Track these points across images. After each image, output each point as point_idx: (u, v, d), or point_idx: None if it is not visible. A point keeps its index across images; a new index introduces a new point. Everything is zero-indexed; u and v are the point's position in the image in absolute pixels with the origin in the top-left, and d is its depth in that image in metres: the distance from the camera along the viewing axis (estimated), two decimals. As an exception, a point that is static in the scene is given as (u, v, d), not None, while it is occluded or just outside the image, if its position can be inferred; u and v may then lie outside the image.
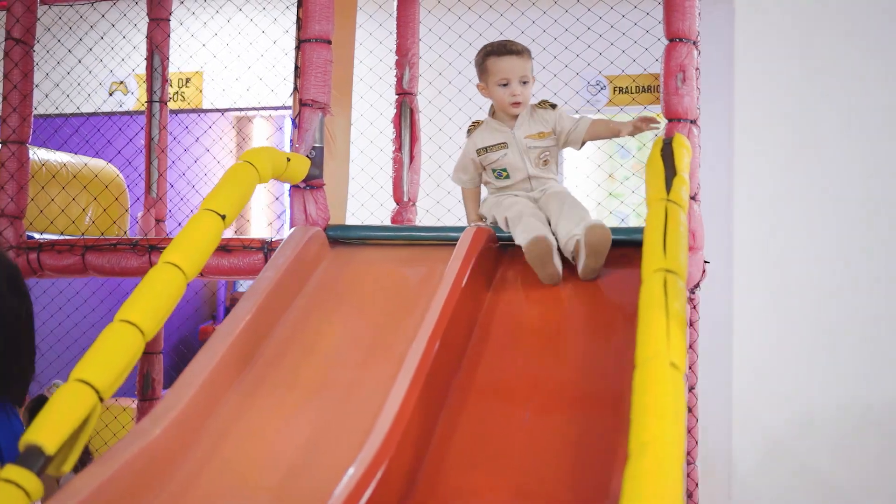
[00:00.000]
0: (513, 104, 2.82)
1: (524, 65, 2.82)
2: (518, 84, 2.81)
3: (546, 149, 2.89)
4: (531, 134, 2.87)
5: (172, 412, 2.05)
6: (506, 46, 2.84)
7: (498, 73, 2.81)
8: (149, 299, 2.06)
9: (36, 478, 1.71)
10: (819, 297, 2.86)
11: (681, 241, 2.00)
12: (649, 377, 1.65)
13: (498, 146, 2.88)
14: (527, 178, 2.88)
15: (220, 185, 2.41)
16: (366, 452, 1.89)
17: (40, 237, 3.43)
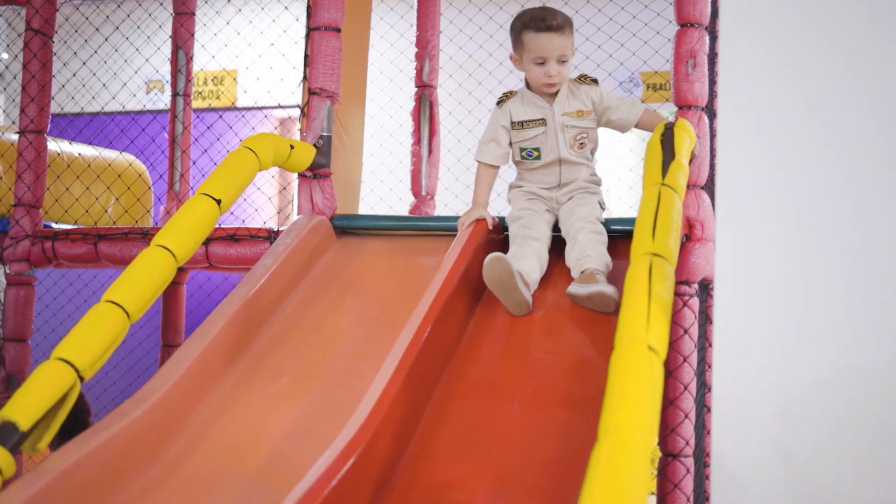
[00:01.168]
0: (547, 84, 2.56)
1: (564, 42, 2.53)
2: (555, 63, 2.53)
3: (584, 130, 2.62)
4: (569, 111, 2.60)
5: (156, 395, 2.04)
6: (545, 21, 2.52)
7: (534, 50, 2.53)
8: (136, 281, 2.06)
9: (9, 454, 1.71)
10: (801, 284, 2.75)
11: (672, 226, 1.93)
12: (625, 360, 1.59)
13: (535, 122, 2.62)
14: (557, 160, 2.62)
15: (218, 169, 2.40)
16: (341, 438, 1.86)
17: (56, 226, 3.47)
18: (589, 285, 2.32)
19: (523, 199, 2.64)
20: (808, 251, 1.65)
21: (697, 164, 2.51)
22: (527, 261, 2.44)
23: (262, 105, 6.03)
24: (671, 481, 2.52)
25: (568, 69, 2.58)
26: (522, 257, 2.45)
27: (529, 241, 2.50)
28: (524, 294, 2.36)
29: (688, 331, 2.53)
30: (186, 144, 4.00)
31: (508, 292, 2.36)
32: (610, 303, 2.31)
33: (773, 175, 2.01)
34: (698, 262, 2.51)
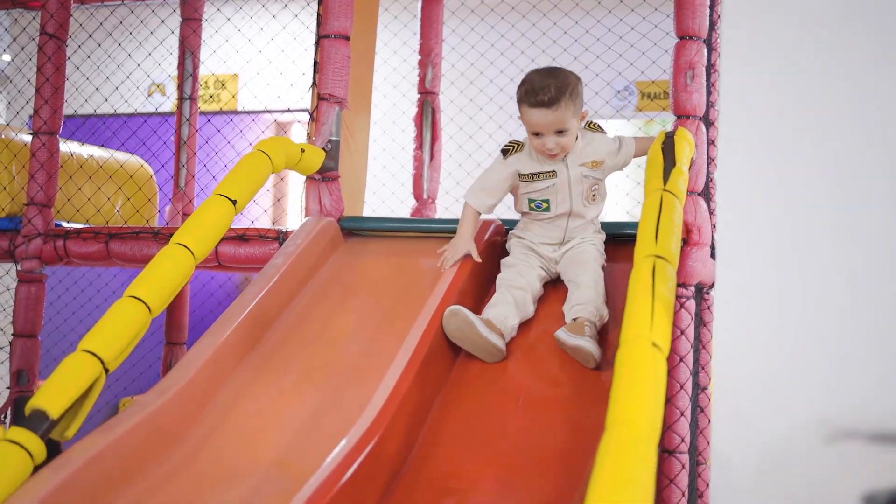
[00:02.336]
0: (549, 155, 2.51)
1: (560, 115, 2.42)
2: (552, 136, 2.46)
3: (598, 181, 2.57)
4: (585, 162, 2.54)
5: (175, 386, 2.12)
6: (537, 95, 2.43)
7: (529, 124, 2.48)
8: (157, 277, 2.14)
9: (40, 440, 1.79)
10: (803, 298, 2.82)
11: (673, 230, 2.03)
12: (630, 356, 1.69)
13: (546, 175, 2.53)
14: (567, 213, 2.55)
15: (233, 171, 2.48)
16: (356, 429, 1.95)
17: (67, 225, 3.54)
18: (575, 337, 2.28)
19: (520, 250, 2.59)
20: (805, 255, 1.74)
21: (695, 171, 2.60)
22: (498, 308, 2.40)
23: (259, 109, 6.12)
24: (667, 477, 2.60)
25: (571, 137, 2.48)
26: (493, 304, 2.42)
27: (511, 290, 2.45)
28: (492, 340, 2.31)
29: (684, 332, 2.61)
30: (193, 146, 4.08)
31: (474, 342, 2.31)
32: (590, 360, 2.28)
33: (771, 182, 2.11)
34: (695, 265, 2.60)
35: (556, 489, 1.97)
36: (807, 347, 2.06)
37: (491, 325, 2.34)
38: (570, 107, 2.44)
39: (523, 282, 2.48)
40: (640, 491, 1.42)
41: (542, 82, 2.45)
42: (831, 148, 2.04)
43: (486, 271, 2.62)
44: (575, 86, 2.48)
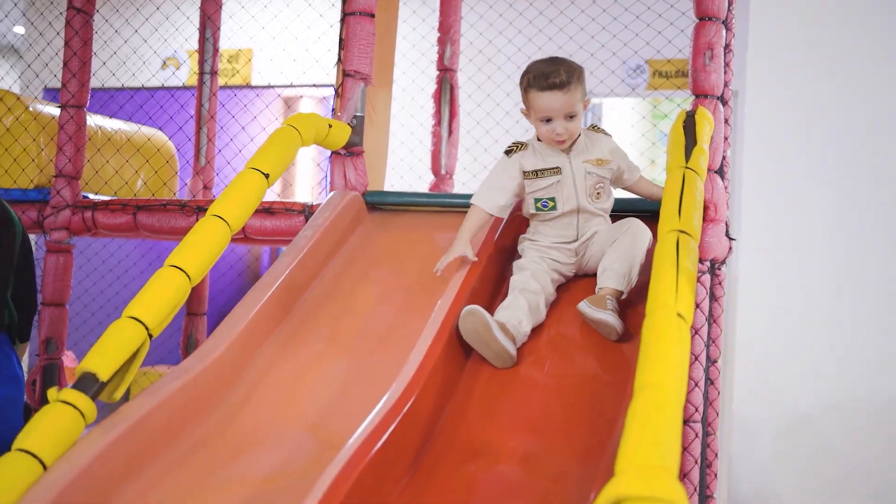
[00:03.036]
0: (557, 141, 2.51)
1: (570, 98, 2.44)
2: (563, 120, 2.47)
3: (603, 178, 2.56)
4: (590, 159, 2.55)
5: (214, 353, 2.21)
6: (548, 78, 2.43)
7: (540, 109, 2.47)
8: (195, 247, 2.22)
9: (91, 401, 1.87)
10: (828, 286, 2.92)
11: (696, 206, 2.11)
12: (656, 325, 1.77)
13: (550, 171, 2.53)
14: (575, 210, 2.55)
15: (265, 146, 2.55)
16: (391, 393, 2.04)
17: (94, 197, 3.62)
18: (597, 311, 2.31)
19: (533, 253, 2.56)
20: (828, 232, 1.83)
21: (712, 149, 2.67)
22: (510, 311, 2.36)
23: (273, 84, 6.18)
24: (681, 445, 2.70)
25: (578, 123, 2.51)
26: (506, 307, 2.39)
27: (525, 293, 2.42)
28: (504, 345, 2.28)
29: (699, 305, 2.69)
30: (214, 122, 4.15)
31: (487, 344, 2.28)
32: (612, 333, 2.31)
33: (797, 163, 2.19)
34: (711, 241, 2.68)
35: (581, 454, 2.06)
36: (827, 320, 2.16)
37: (505, 329, 2.31)
38: (578, 90, 2.46)
39: (536, 286, 2.45)
40: (668, 450, 1.50)
41: (551, 67, 2.45)
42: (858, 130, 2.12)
43: (508, 244, 2.70)
44: (581, 71, 2.50)
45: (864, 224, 2.76)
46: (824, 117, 2.77)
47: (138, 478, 1.90)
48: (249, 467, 2.05)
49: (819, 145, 2.54)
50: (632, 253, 2.43)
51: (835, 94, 2.77)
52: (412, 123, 4.30)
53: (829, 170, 2.79)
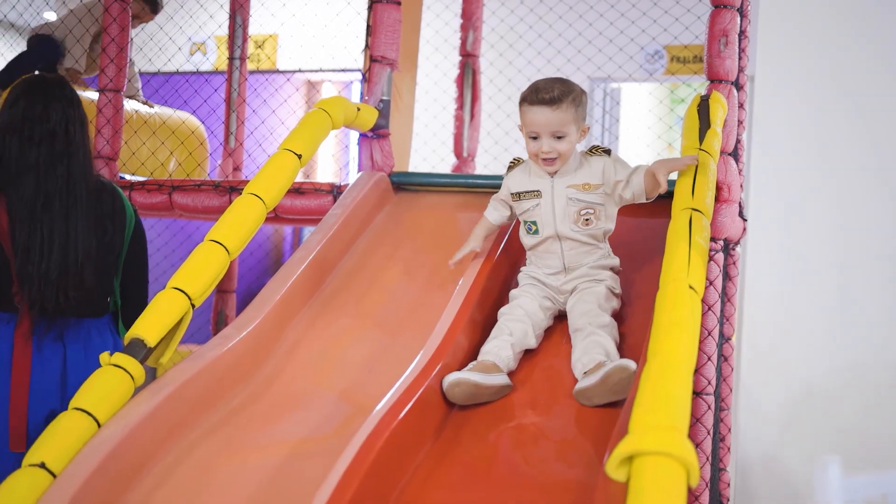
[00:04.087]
0: (543, 161, 2.41)
1: (560, 117, 2.34)
2: (549, 139, 2.37)
3: (591, 205, 2.41)
4: (575, 184, 2.41)
5: (251, 323, 2.34)
6: (538, 93, 2.36)
7: (527, 124, 2.39)
8: (234, 223, 2.35)
9: (139, 365, 2.01)
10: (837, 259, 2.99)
11: (708, 186, 2.22)
12: (669, 296, 1.89)
13: (531, 194, 2.45)
14: (555, 236, 2.44)
15: (298, 128, 2.68)
16: (420, 358, 2.17)
17: (130, 178, 3.77)
18: (598, 371, 2.14)
19: (525, 280, 2.51)
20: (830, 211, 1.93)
21: (726, 132, 2.78)
22: (494, 342, 2.32)
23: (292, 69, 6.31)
24: (694, 416, 2.81)
25: (568, 146, 2.39)
26: (491, 339, 2.35)
27: (509, 323, 2.37)
28: (496, 383, 2.22)
29: (713, 282, 2.80)
30: (241, 104, 4.28)
31: (483, 395, 2.22)
32: (626, 381, 2.09)
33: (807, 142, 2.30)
34: (724, 221, 2.78)
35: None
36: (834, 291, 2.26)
37: (488, 366, 2.24)
38: (571, 111, 2.36)
39: (521, 313, 2.38)
40: (678, 411, 1.62)
41: (547, 84, 2.39)
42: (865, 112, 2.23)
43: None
44: (580, 94, 2.40)
45: (871, 201, 2.85)
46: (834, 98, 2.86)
47: (182, 438, 2.04)
48: (284, 430, 2.18)
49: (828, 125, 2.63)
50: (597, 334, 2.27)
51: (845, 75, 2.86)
52: (435, 107, 4.42)
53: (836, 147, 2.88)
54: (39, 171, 2.52)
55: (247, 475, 1.98)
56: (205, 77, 5.12)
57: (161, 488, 1.91)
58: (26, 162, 2.51)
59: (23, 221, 2.48)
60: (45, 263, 2.48)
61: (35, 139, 2.53)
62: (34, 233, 2.48)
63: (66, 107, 2.58)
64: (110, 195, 2.65)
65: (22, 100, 2.57)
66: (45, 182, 2.51)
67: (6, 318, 2.54)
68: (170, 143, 4.01)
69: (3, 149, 2.53)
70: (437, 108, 4.39)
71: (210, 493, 1.94)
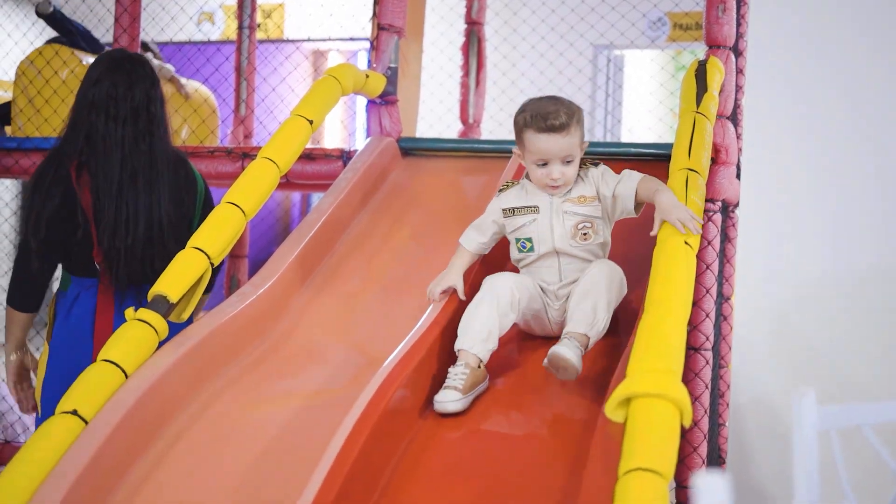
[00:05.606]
0: (551, 187, 2.33)
1: (569, 142, 2.27)
2: (559, 165, 2.29)
3: (588, 218, 2.33)
4: (571, 198, 2.34)
5: (268, 282, 2.45)
6: (547, 120, 2.25)
7: (536, 152, 2.29)
8: (249, 186, 2.45)
9: (163, 319, 2.12)
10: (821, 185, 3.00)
11: (704, 147, 2.31)
12: (665, 251, 1.99)
13: (528, 209, 2.37)
14: (553, 252, 2.35)
15: (309, 94, 2.78)
16: (427, 316, 2.29)
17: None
18: (554, 348, 2.12)
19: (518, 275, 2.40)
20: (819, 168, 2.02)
21: (724, 96, 2.86)
22: (477, 332, 2.22)
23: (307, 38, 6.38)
24: (692, 371, 2.92)
25: (576, 168, 2.32)
26: (474, 324, 2.23)
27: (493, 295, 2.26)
28: (467, 400, 2.16)
29: (711, 242, 2.90)
30: (251, 72, 4.37)
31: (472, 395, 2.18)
32: (569, 369, 2.10)
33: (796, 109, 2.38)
34: (722, 182, 2.87)
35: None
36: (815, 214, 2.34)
37: (473, 372, 2.18)
38: (577, 134, 2.29)
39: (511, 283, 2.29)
40: (672, 357, 1.73)
41: (550, 107, 2.28)
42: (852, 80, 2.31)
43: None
44: (580, 113, 2.34)
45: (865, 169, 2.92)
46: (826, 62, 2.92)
47: (204, 389, 2.15)
48: (299, 383, 2.30)
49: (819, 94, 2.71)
50: (595, 292, 2.21)
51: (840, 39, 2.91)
52: (441, 75, 4.50)
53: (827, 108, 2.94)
54: (125, 149, 2.63)
55: (264, 425, 2.10)
56: (215, 46, 5.21)
57: (184, 436, 2.02)
58: (112, 140, 2.62)
59: (109, 198, 2.60)
60: (132, 238, 2.60)
61: (120, 118, 2.63)
62: (120, 209, 2.60)
63: (148, 87, 2.69)
64: (184, 168, 2.77)
65: (106, 79, 2.66)
66: (130, 159, 2.62)
67: (87, 283, 2.67)
68: (182, 111, 4.10)
69: (90, 127, 2.63)
70: (443, 76, 4.48)
71: (230, 441, 2.05)
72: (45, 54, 3.87)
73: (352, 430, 1.87)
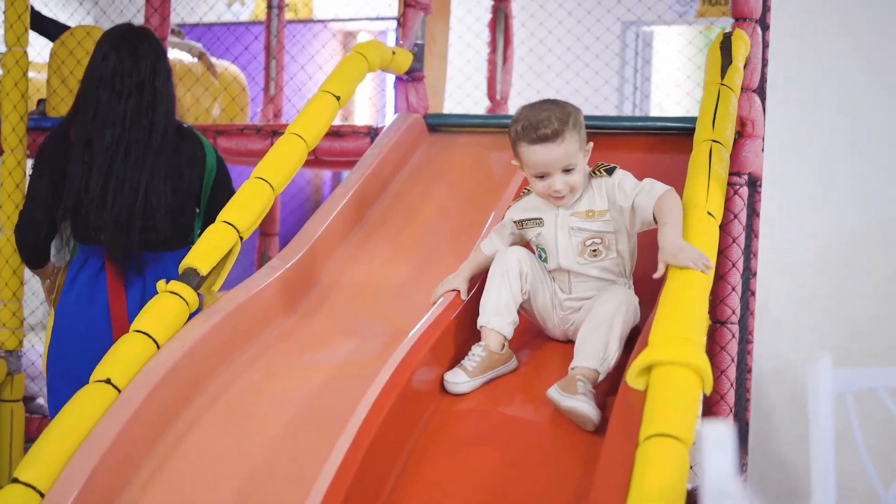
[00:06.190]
0: (555, 199, 2.18)
1: (566, 148, 2.10)
2: (560, 175, 2.13)
3: (598, 234, 2.17)
4: (578, 212, 2.18)
5: (297, 255, 2.49)
6: (538, 130, 2.10)
7: (533, 165, 2.15)
8: (277, 161, 2.48)
9: (194, 292, 2.16)
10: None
11: (728, 119, 2.31)
12: (688, 221, 2.00)
13: (533, 222, 2.25)
14: (560, 269, 2.23)
15: (336, 71, 2.80)
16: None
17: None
18: (566, 397, 1.95)
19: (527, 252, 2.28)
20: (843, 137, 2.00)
21: (750, 69, 2.86)
22: (490, 296, 2.17)
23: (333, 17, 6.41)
24: (719, 344, 2.92)
25: (580, 175, 2.15)
26: (490, 303, 2.17)
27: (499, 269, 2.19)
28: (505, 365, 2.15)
29: (737, 215, 2.90)
30: (279, 51, 4.40)
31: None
32: (586, 423, 1.93)
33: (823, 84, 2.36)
34: (748, 156, 2.87)
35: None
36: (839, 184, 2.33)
37: (490, 353, 2.13)
38: (575, 138, 2.12)
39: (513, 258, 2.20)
40: (693, 326, 1.74)
41: (540, 114, 2.12)
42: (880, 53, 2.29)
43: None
44: (576, 114, 2.16)
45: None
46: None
47: (233, 360, 2.19)
48: (327, 354, 2.33)
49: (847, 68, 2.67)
50: (608, 324, 2.06)
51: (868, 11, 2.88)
52: (469, 52, 4.51)
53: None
54: (125, 123, 2.66)
55: (292, 395, 2.13)
56: (244, 26, 5.25)
57: (214, 405, 2.06)
58: (114, 114, 2.66)
59: (100, 169, 2.64)
60: (117, 209, 2.64)
61: (124, 93, 2.67)
62: (108, 181, 2.64)
63: (154, 61, 2.72)
64: (191, 144, 2.79)
65: (112, 55, 2.70)
66: (127, 133, 2.66)
67: (92, 250, 2.73)
68: (213, 89, 4.15)
69: (97, 102, 2.68)
70: (470, 53, 4.48)
71: (258, 410, 2.09)
72: (76, 35, 3.93)
73: (375, 402, 1.90)
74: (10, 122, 3.57)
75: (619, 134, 3.09)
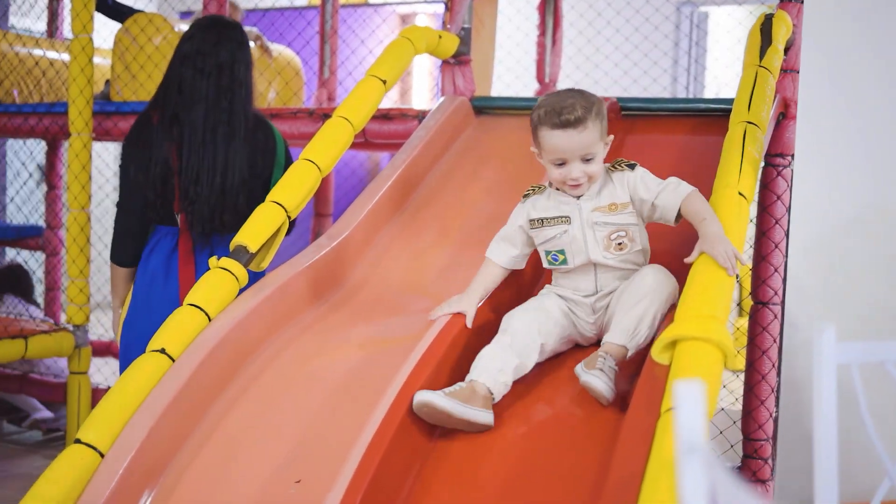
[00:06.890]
0: (572, 186, 2.17)
1: (587, 137, 2.10)
2: (579, 163, 2.13)
3: (622, 227, 2.17)
4: (601, 206, 2.17)
5: (344, 233, 2.58)
6: (561, 115, 2.10)
7: (552, 150, 2.15)
8: (324, 143, 2.58)
9: (243, 268, 2.27)
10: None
11: (765, 100, 2.34)
12: (719, 201, 2.05)
13: (558, 220, 2.20)
14: (589, 263, 2.19)
15: (383, 55, 2.88)
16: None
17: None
18: (584, 372, 1.99)
19: (549, 296, 2.25)
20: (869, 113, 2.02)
21: (794, 51, 2.87)
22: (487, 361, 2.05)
23: (384, 2, 6.49)
24: (760, 325, 2.95)
25: (598, 166, 2.15)
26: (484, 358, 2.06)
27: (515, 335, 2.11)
28: (470, 418, 1.96)
29: (780, 197, 2.92)
30: (333, 36, 4.50)
31: (450, 423, 1.99)
32: (600, 398, 1.98)
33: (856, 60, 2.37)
34: (792, 137, 2.89)
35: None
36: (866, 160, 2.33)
37: (472, 393, 1.99)
38: (597, 128, 2.12)
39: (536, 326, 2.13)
40: (719, 304, 1.79)
41: (565, 101, 2.13)
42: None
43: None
44: (600, 105, 2.16)
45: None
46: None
47: (281, 333, 2.29)
48: (371, 330, 2.41)
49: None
50: (643, 303, 2.07)
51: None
52: (518, 35, 4.55)
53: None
54: (209, 102, 2.80)
55: (336, 367, 2.23)
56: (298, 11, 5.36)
57: (261, 376, 2.17)
58: (198, 92, 2.80)
59: (194, 146, 2.78)
60: (208, 188, 2.78)
61: (205, 71, 2.81)
62: (204, 158, 2.78)
63: (235, 48, 2.86)
64: (264, 132, 2.92)
65: (197, 35, 2.86)
66: (212, 112, 2.80)
67: (166, 231, 2.87)
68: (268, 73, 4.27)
69: (181, 79, 2.82)
70: (519, 36, 4.53)
71: (304, 380, 2.19)
72: (139, 22, 4.07)
73: (408, 376, 2.00)
74: (77, 106, 3.72)
75: (657, 116, 3.12)
